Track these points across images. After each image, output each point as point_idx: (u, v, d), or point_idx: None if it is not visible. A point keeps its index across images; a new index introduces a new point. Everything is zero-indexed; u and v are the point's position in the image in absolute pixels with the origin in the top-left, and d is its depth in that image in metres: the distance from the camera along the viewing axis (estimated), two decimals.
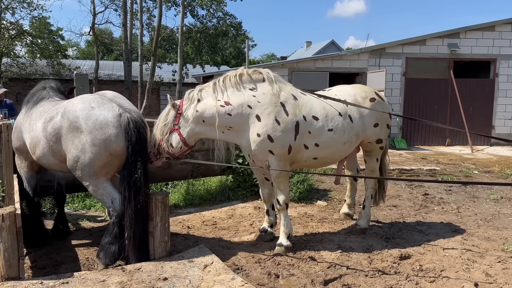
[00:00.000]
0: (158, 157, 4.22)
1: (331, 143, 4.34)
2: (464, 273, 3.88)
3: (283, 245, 4.34)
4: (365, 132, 4.65)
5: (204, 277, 3.34)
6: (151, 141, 4.13)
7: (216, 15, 22.49)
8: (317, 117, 4.28)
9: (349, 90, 4.77)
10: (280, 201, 4.36)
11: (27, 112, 4.27)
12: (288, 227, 4.42)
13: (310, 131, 4.24)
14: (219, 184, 6.90)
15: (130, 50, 18.16)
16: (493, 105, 15.23)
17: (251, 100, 4.14)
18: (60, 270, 3.88)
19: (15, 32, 19.73)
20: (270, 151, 4.13)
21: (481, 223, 5.56)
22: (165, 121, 4.12)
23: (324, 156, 4.43)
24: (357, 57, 14.92)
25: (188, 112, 4.11)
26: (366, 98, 4.71)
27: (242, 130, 4.19)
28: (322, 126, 4.28)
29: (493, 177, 8.93)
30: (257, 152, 4.18)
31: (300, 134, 4.19)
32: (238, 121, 4.14)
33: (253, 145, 4.15)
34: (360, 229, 4.98)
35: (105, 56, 36.75)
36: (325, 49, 36.93)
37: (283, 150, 4.15)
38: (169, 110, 4.16)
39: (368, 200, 5.09)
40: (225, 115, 4.11)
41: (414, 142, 15.00)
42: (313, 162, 4.51)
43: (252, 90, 4.19)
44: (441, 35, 14.80)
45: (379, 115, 4.70)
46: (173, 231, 4.86)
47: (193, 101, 4.15)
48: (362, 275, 3.83)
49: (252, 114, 4.12)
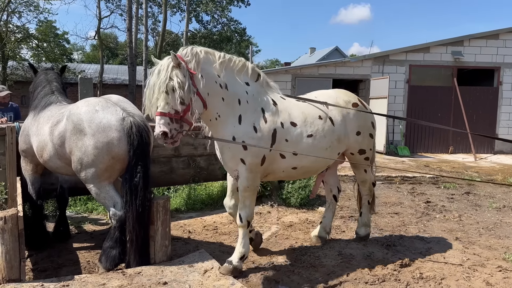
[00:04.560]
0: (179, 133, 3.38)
1: (311, 150, 3.95)
2: (464, 282, 3.87)
3: (232, 264, 3.83)
4: (347, 138, 4.32)
5: (204, 282, 3.35)
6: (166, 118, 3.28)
7: (220, 21, 22.70)
8: (295, 122, 3.92)
9: (331, 93, 4.51)
10: (242, 217, 3.91)
11: (35, 116, 4.31)
12: (245, 247, 3.97)
13: (287, 138, 3.85)
14: (221, 189, 6.91)
15: (134, 54, 18.29)
16: (496, 113, 15.19)
17: (243, 96, 3.74)
18: (61, 273, 3.90)
19: (21, 36, 19.92)
20: (242, 160, 3.70)
21: (482, 232, 5.54)
22: (184, 83, 3.32)
23: (304, 166, 4.04)
24: (360, 64, 14.95)
25: (200, 73, 3.49)
26: (349, 102, 4.43)
27: (223, 124, 3.68)
28: (300, 133, 3.92)
29: (496, 186, 8.89)
30: (228, 158, 3.77)
31: (276, 142, 3.79)
32: (226, 112, 3.67)
33: (225, 148, 3.74)
34: (359, 237, 4.90)
35: (110, 60, 37.01)
36: (329, 56, 37.02)
37: (255, 161, 3.73)
38: (173, 68, 3.31)
39: (365, 206, 4.92)
40: (220, 98, 3.63)
41: (417, 150, 14.96)
42: (293, 173, 4.11)
43: (246, 85, 3.81)
44: (445, 42, 14.82)
45: (362, 122, 4.44)
46: (174, 235, 4.87)
47: (198, 62, 3.51)
48: (362, 282, 3.83)
49: (237, 112, 3.68)
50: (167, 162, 6.16)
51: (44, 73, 4.79)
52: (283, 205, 6.59)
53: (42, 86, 4.59)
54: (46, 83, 4.62)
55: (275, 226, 5.58)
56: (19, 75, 19.96)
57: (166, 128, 3.26)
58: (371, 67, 14.88)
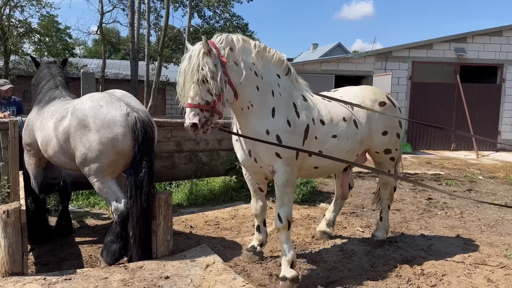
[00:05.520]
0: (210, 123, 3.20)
1: (334, 151, 3.82)
2: (465, 278, 3.87)
3: (287, 279, 3.51)
4: (371, 139, 4.18)
5: (206, 277, 3.36)
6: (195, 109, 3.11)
7: (223, 16, 22.62)
8: (324, 121, 3.78)
9: (357, 91, 4.32)
10: (282, 216, 3.60)
11: (39, 111, 4.31)
12: (291, 252, 3.63)
13: (316, 136, 3.71)
14: (222, 185, 6.92)
15: (137, 49, 18.26)
16: (499, 111, 15.17)
17: (275, 87, 3.54)
18: (63, 267, 3.92)
19: (24, 30, 19.91)
20: (277, 154, 3.51)
21: (484, 229, 5.54)
22: (215, 73, 3.13)
23: (325, 166, 3.93)
24: (363, 60, 14.92)
25: (231, 62, 3.29)
26: (376, 101, 4.25)
27: (256, 115, 3.49)
28: (327, 132, 3.78)
29: (498, 183, 8.88)
30: (261, 151, 3.54)
31: (308, 139, 3.64)
32: (259, 102, 3.46)
33: (257, 142, 3.51)
34: (377, 241, 4.68)
35: (112, 55, 36.98)
36: (332, 52, 36.91)
37: (291, 154, 3.55)
38: (204, 55, 3.11)
39: (385, 211, 4.77)
40: (254, 87, 3.42)
41: (419, 147, 14.96)
42: (313, 172, 4.00)
43: (278, 77, 3.61)
44: (448, 39, 14.77)
45: (389, 122, 4.25)
46: (175, 230, 4.88)
47: (233, 50, 3.32)
48: (363, 277, 3.83)
49: (270, 104, 3.49)
50: (169, 157, 6.18)
51: (47, 67, 4.77)
52: None
53: (46, 80, 4.58)
54: (50, 77, 4.61)
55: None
56: (21, 69, 19.93)
57: (196, 119, 3.08)
58: (374, 64, 14.85)
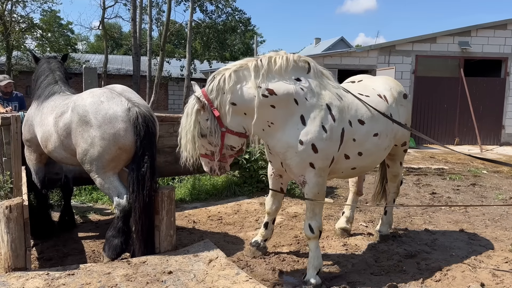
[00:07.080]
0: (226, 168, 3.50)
1: (374, 150, 3.65)
2: (470, 273, 3.85)
3: (311, 284, 3.43)
4: (398, 133, 4.04)
5: (209, 272, 3.35)
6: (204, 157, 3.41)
7: (225, 11, 22.47)
8: (363, 120, 3.54)
9: (384, 83, 4.17)
10: (313, 227, 3.50)
11: (39, 106, 4.29)
12: (319, 260, 3.55)
13: (355, 138, 3.50)
14: (225, 180, 6.90)
15: (139, 44, 18.19)
16: (503, 105, 15.05)
17: (299, 93, 3.30)
18: (67, 262, 3.92)
19: (26, 26, 19.88)
20: (311, 164, 3.31)
21: (488, 223, 5.51)
22: (210, 128, 3.24)
23: (363, 166, 3.76)
24: (366, 54, 14.82)
25: (224, 110, 3.24)
26: (401, 93, 4.18)
27: (281, 129, 3.33)
28: (367, 132, 3.57)
29: (502, 177, 8.83)
30: (294, 163, 3.34)
31: (344, 142, 3.44)
32: (281, 117, 3.31)
33: (290, 153, 3.32)
34: (382, 236, 4.61)
35: (114, 51, 36.93)
36: (335, 46, 36.69)
37: (326, 163, 3.37)
38: (197, 112, 3.21)
39: (391, 204, 4.72)
40: (267, 107, 3.27)
41: (423, 141, 14.88)
42: (350, 172, 3.83)
43: (298, 81, 3.36)
44: (452, 33, 14.64)
45: (408, 114, 4.22)
46: (178, 225, 4.87)
47: (225, 93, 3.24)
48: (367, 272, 3.82)
49: (296, 112, 3.29)
50: (172, 152, 6.13)
51: (47, 62, 4.75)
52: (288, 196, 6.57)
53: (45, 75, 4.56)
54: (49, 72, 4.59)
55: (280, 216, 5.56)
56: (23, 65, 19.90)
57: (207, 169, 3.49)
58: (377, 58, 14.75)
